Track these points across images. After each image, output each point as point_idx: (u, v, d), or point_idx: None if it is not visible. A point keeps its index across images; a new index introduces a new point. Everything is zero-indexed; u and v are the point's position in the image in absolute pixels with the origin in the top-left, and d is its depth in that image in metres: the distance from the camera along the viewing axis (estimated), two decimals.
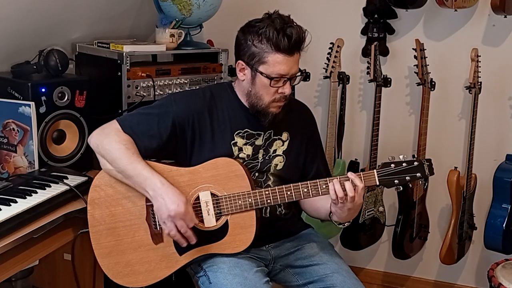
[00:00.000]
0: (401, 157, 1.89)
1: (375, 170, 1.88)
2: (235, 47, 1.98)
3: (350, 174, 1.85)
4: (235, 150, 1.99)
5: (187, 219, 1.84)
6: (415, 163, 1.87)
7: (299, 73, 1.95)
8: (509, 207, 2.70)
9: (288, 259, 2.06)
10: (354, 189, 1.82)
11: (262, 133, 2.02)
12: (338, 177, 1.86)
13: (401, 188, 1.90)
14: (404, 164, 1.87)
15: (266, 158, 2.03)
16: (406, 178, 1.87)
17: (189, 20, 2.67)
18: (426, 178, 1.90)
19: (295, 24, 1.91)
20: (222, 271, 1.89)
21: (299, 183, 1.89)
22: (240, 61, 1.95)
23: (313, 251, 2.06)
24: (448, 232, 2.81)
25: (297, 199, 1.94)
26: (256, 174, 2.02)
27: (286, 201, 1.92)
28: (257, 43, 1.88)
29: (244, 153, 2.00)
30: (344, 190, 1.82)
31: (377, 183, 1.87)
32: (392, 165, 1.87)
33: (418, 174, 1.87)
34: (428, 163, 1.88)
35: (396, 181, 1.87)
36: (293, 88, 2.06)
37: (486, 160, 2.87)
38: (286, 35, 1.85)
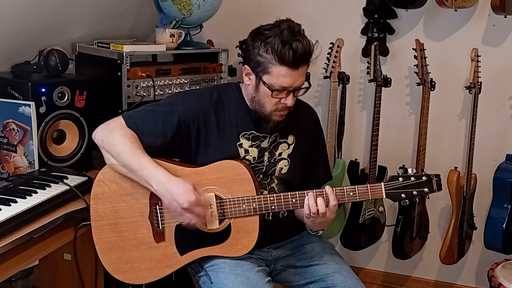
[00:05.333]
0: (409, 170, 1.87)
1: (382, 184, 1.86)
2: (244, 50, 1.96)
3: (328, 189, 1.85)
4: (241, 151, 1.98)
5: (202, 204, 1.83)
6: (424, 178, 1.85)
7: (304, 85, 1.91)
8: (509, 207, 2.70)
9: (289, 259, 2.06)
10: (327, 206, 1.83)
11: (268, 135, 2.01)
12: (314, 190, 1.86)
13: (408, 202, 1.88)
14: (412, 179, 1.85)
15: (272, 161, 2.02)
16: (414, 192, 1.85)
17: (189, 20, 2.67)
18: (433, 192, 1.88)
19: (303, 37, 1.85)
20: (223, 271, 1.89)
21: (305, 191, 1.88)
22: (246, 66, 1.93)
23: (314, 251, 2.06)
24: (448, 232, 2.81)
25: (302, 207, 1.91)
26: (261, 176, 2.01)
27: (291, 208, 1.91)
28: (262, 52, 1.85)
29: (251, 155, 1.99)
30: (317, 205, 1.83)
31: (384, 196, 1.86)
32: (400, 179, 1.85)
33: (426, 189, 1.85)
34: (436, 179, 1.86)
35: (403, 195, 1.86)
36: None
37: (486, 160, 2.87)
38: (292, 49, 1.81)
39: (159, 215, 1.93)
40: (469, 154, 2.74)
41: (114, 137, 1.90)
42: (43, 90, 2.24)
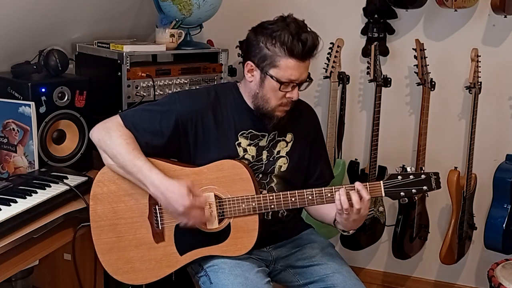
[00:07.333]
0: (408, 169, 1.87)
1: (381, 182, 1.86)
2: (245, 47, 1.95)
3: (358, 185, 1.83)
4: (240, 150, 1.97)
5: (197, 206, 1.82)
6: (422, 176, 1.85)
7: (307, 80, 1.92)
8: (509, 207, 2.70)
9: (289, 259, 2.06)
10: (360, 200, 1.81)
11: (267, 134, 2.01)
12: (344, 186, 1.84)
13: (407, 200, 1.88)
14: (411, 177, 1.85)
15: (270, 159, 2.02)
16: (412, 191, 1.85)
17: (189, 20, 2.67)
18: (432, 190, 1.88)
19: (309, 30, 1.87)
20: (223, 271, 1.89)
21: (304, 190, 1.88)
22: (249, 62, 1.92)
23: (314, 251, 2.06)
24: (448, 232, 2.81)
25: (301, 206, 1.92)
26: (260, 175, 2.01)
27: (290, 207, 1.90)
28: (270, 45, 1.85)
29: (249, 154, 1.98)
30: (350, 200, 1.80)
31: (383, 194, 1.85)
32: (399, 177, 1.85)
33: (425, 187, 1.85)
34: (435, 177, 1.86)
35: (402, 193, 1.85)
36: None
37: (486, 160, 2.87)
38: (301, 41, 1.82)
39: (158, 215, 1.93)
40: (469, 154, 2.74)
41: (111, 137, 1.89)
42: (43, 90, 2.24)
